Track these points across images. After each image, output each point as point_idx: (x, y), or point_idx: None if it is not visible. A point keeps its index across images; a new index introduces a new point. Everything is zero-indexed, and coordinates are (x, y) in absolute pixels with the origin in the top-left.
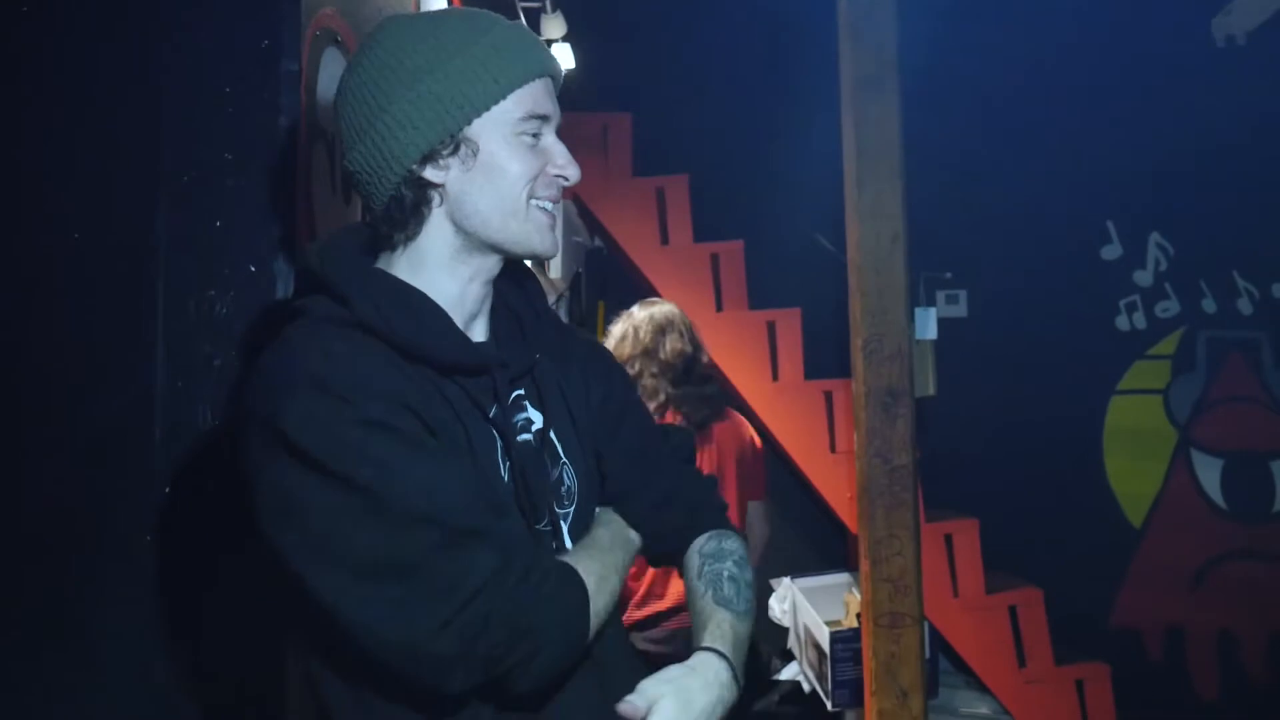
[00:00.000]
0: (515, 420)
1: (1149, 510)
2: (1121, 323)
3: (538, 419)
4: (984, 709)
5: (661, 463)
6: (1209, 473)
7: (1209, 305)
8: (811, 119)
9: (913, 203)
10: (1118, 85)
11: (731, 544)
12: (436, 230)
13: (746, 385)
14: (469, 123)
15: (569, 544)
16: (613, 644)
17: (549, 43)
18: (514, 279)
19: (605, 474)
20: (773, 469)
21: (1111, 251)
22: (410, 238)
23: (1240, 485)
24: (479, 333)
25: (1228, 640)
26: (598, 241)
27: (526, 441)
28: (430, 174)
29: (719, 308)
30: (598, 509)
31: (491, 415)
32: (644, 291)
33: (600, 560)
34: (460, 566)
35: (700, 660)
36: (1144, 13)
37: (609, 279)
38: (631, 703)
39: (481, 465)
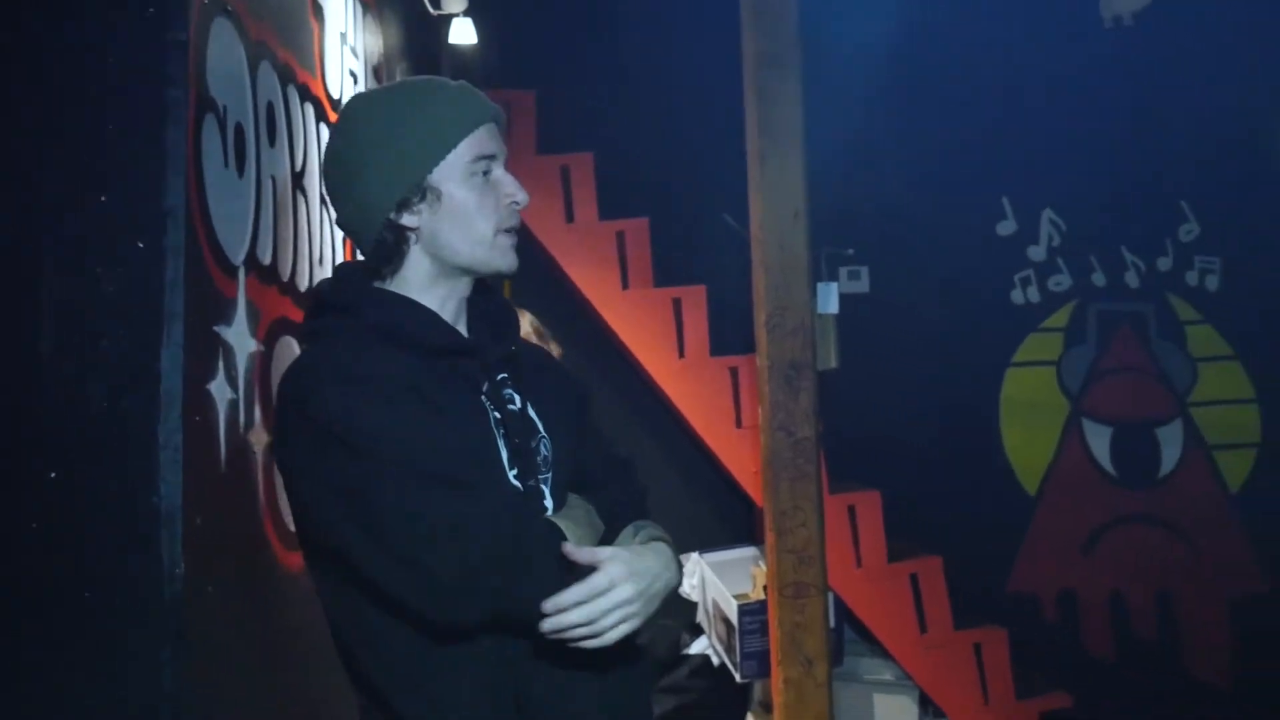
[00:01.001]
0: (502, 395)
1: (1043, 479)
2: (1016, 296)
3: (518, 399)
4: (887, 675)
5: (619, 470)
6: (1099, 441)
7: (1099, 279)
8: (715, 95)
9: (815, 181)
10: (1012, 65)
11: (662, 532)
12: (416, 262)
13: (652, 363)
14: (430, 172)
15: (549, 502)
16: None
17: (449, 17)
18: (484, 292)
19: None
20: (680, 445)
21: (1006, 227)
22: (395, 270)
23: (1128, 453)
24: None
25: (1118, 601)
26: None
27: (513, 412)
28: (406, 220)
29: (625, 285)
30: (572, 495)
31: (485, 390)
32: (550, 270)
33: (574, 523)
34: (461, 513)
35: (641, 545)
36: None
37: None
38: (579, 551)
39: (475, 432)
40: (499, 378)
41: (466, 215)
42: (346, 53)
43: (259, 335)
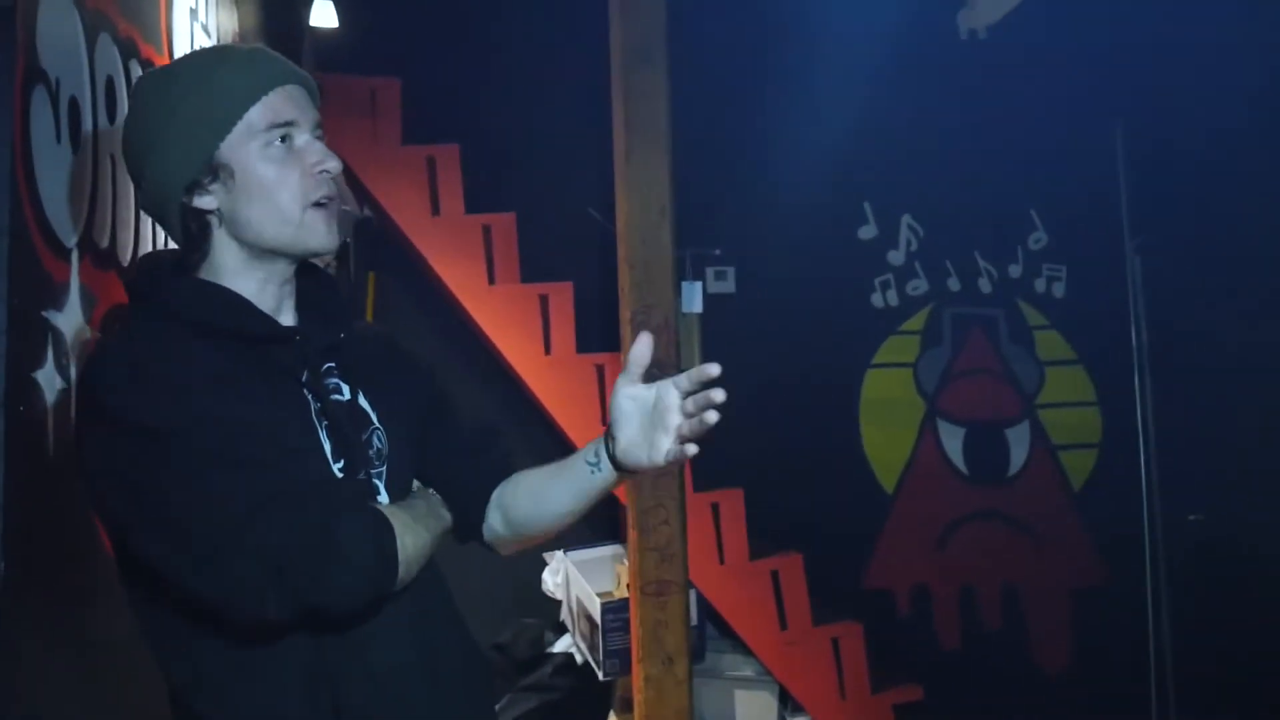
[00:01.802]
0: (326, 385)
1: (900, 477)
2: (876, 300)
3: (346, 390)
4: (748, 671)
5: (489, 437)
6: (952, 440)
7: (954, 284)
8: (583, 90)
9: (682, 180)
10: (874, 74)
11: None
12: (223, 247)
13: (519, 359)
14: (216, 148)
15: (384, 495)
16: (431, 595)
17: None
18: (312, 276)
19: (428, 451)
20: (545, 443)
21: (868, 232)
22: (204, 256)
23: (980, 451)
24: (287, 321)
25: (968, 595)
26: (367, 211)
27: (338, 402)
28: (200, 202)
29: (491, 280)
30: (418, 484)
31: (304, 380)
32: (416, 263)
33: (410, 513)
34: (261, 496)
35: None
36: (896, 6)
37: (379, 250)
38: None
39: (291, 423)
40: (324, 367)
41: (265, 191)
42: (197, 29)
43: (94, 322)
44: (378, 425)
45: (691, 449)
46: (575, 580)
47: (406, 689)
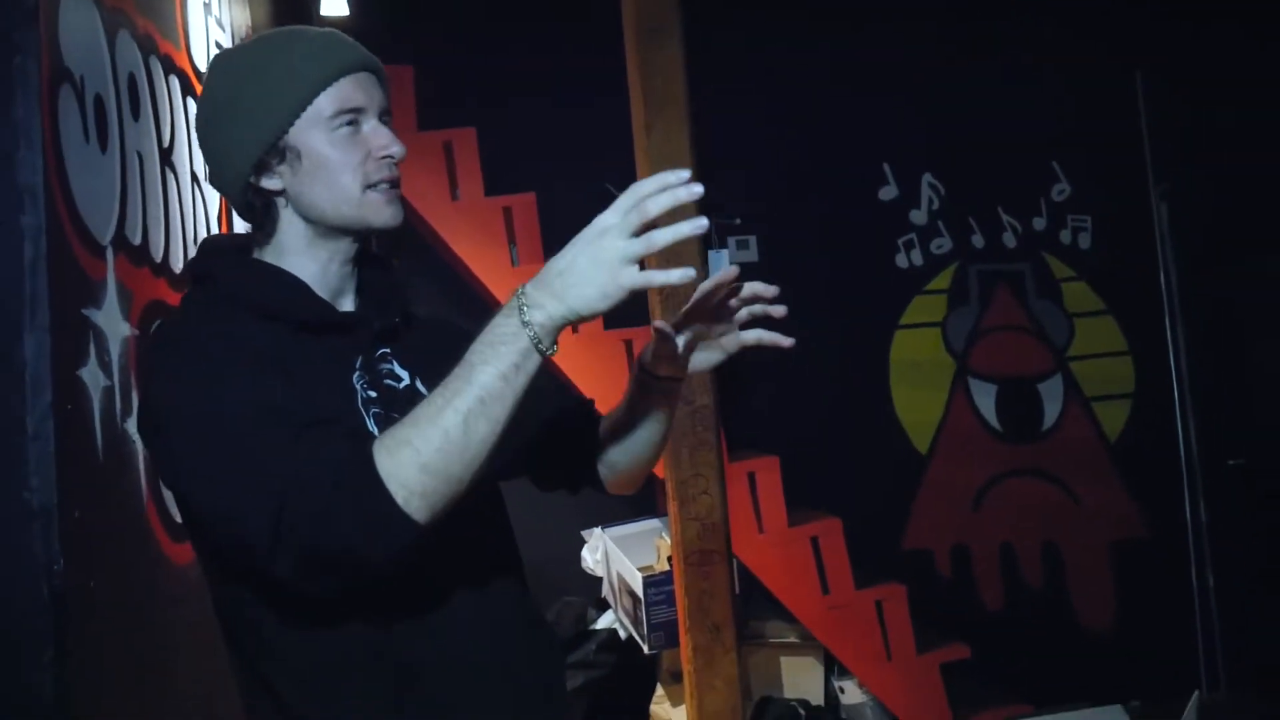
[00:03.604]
0: (380, 370)
1: (933, 437)
2: (901, 260)
3: (405, 375)
4: (792, 637)
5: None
6: (985, 398)
7: (978, 241)
8: (598, 67)
9: (701, 151)
10: (888, 32)
11: None
12: (289, 226)
13: None
14: (285, 131)
15: None
16: (514, 589)
17: None
18: (374, 263)
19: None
20: None
21: (888, 193)
22: (269, 235)
23: (1012, 408)
24: (347, 307)
25: (1008, 553)
26: None
27: (392, 388)
28: (266, 183)
29: (515, 262)
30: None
31: (358, 366)
32: (437, 248)
33: (417, 422)
34: (264, 442)
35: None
36: None
37: (401, 236)
38: None
39: (332, 404)
40: (379, 352)
41: (329, 173)
42: (212, 24)
43: (132, 319)
44: None
45: (785, 339)
46: (615, 556)
47: (488, 689)
